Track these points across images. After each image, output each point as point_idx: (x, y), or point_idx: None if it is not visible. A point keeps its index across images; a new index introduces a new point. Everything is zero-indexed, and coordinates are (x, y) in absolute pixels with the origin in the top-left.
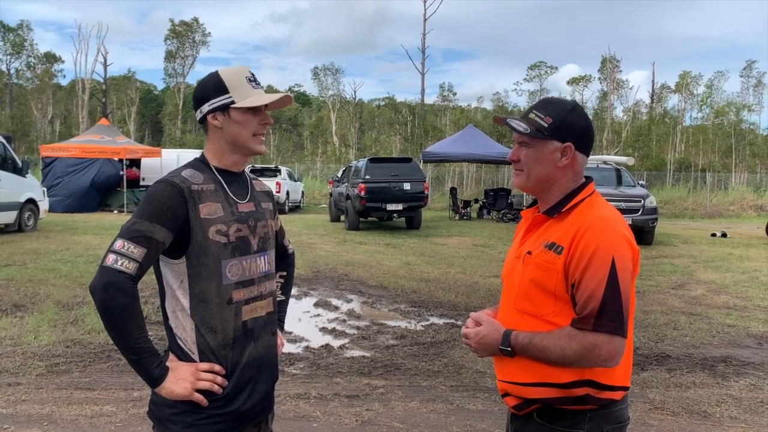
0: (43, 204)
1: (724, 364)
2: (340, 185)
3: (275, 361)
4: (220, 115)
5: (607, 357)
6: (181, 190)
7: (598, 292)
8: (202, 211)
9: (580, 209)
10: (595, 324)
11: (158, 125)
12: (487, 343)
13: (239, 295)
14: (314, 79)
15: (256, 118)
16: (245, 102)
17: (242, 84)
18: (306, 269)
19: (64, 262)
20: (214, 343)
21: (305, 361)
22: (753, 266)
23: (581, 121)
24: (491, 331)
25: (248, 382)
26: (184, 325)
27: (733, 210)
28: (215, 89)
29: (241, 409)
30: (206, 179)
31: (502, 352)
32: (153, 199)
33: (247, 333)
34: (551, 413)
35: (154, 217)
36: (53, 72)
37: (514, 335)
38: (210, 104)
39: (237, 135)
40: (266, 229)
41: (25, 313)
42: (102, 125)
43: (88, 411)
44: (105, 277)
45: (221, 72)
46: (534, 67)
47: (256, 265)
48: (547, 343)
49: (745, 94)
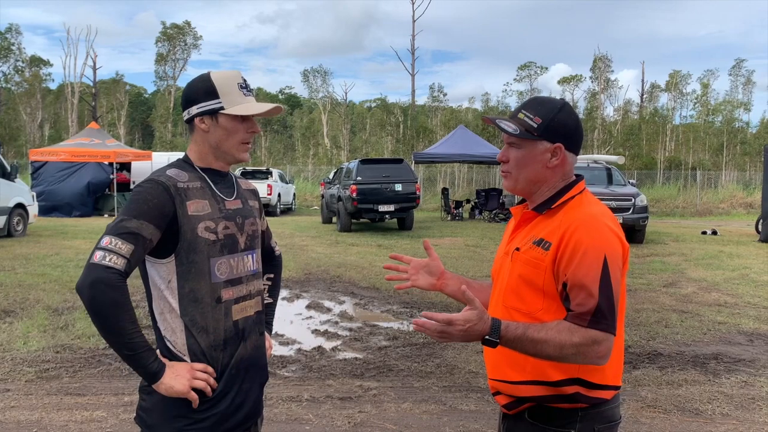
0: (32, 209)
1: (715, 361)
2: (331, 187)
3: (264, 362)
4: (208, 120)
5: (603, 353)
6: (167, 188)
7: (594, 291)
8: (190, 208)
9: (569, 207)
10: (591, 321)
11: (149, 128)
12: (474, 332)
13: (228, 294)
14: (304, 81)
15: (244, 125)
16: (234, 110)
17: (233, 90)
18: (298, 271)
19: (54, 266)
20: (206, 344)
21: (297, 364)
22: (743, 263)
23: (570, 120)
24: (479, 321)
25: (236, 383)
26: (174, 327)
27: (723, 208)
28: (205, 93)
29: (229, 410)
30: (192, 177)
31: (487, 342)
32: (140, 197)
33: (238, 333)
34: (542, 412)
35: (142, 214)
36: (42, 76)
37: (504, 325)
38: (199, 107)
39: (222, 141)
40: (254, 227)
41: (14, 318)
42: (92, 129)
43: (78, 417)
44: (92, 274)
45: (213, 75)
46: (524, 68)
47: (243, 264)
48: (544, 335)
49: (734, 92)
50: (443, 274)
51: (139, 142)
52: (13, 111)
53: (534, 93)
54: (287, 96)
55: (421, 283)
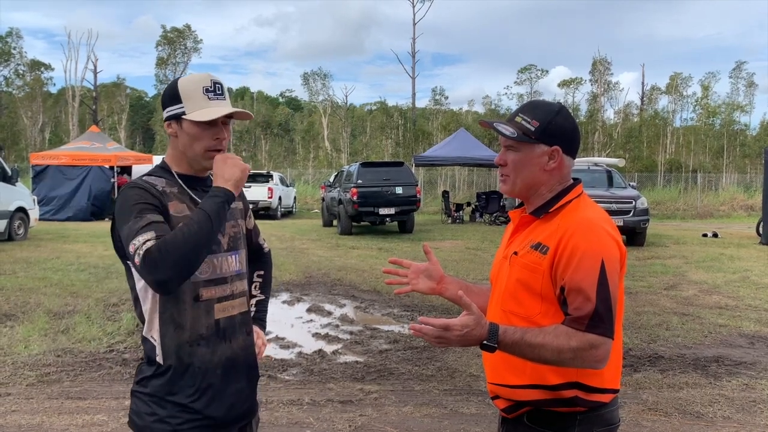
0: (33, 212)
1: (716, 364)
2: (332, 190)
3: (253, 362)
4: (175, 124)
5: (601, 357)
6: (148, 188)
7: (592, 295)
8: (171, 208)
9: (566, 211)
10: (589, 325)
11: (149, 132)
12: (472, 337)
13: (209, 293)
14: (304, 84)
15: (209, 132)
16: (193, 115)
17: (196, 95)
18: (299, 274)
19: (55, 270)
20: (181, 339)
21: (298, 367)
22: (744, 266)
23: (568, 123)
24: (477, 326)
25: (224, 382)
26: (153, 326)
27: (724, 210)
28: (170, 97)
29: (220, 410)
30: (168, 183)
31: (485, 347)
32: (128, 201)
33: (219, 332)
34: (541, 416)
35: (139, 212)
36: (43, 80)
37: (502, 330)
38: (166, 111)
39: (188, 147)
40: (236, 229)
41: (15, 322)
42: (92, 132)
43: (79, 420)
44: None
45: (181, 80)
46: (524, 70)
47: (227, 264)
48: (542, 339)
49: (735, 94)
50: (443, 278)
51: (140, 145)
52: (14, 115)
53: (534, 96)
54: (288, 99)
55: (420, 287)
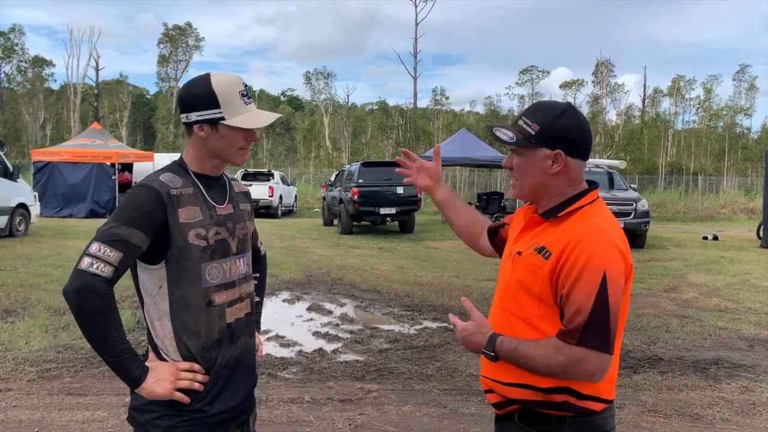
0: (34, 209)
1: (716, 366)
2: (333, 189)
3: (252, 363)
4: (207, 128)
5: (592, 372)
6: (159, 195)
7: (586, 307)
8: (181, 215)
9: (576, 217)
10: (580, 339)
11: (151, 129)
12: (472, 342)
13: (221, 297)
14: (306, 83)
15: (243, 134)
16: (235, 121)
17: (235, 99)
18: (299, 273)
19: (56, 266)
20: (198, 346)
21: (298, 366)
22: (744, 269)
23: (572, 124)
24: (477, 333)
25: (225, 382)
26: (165, 333)
27: (725, 213)
28: (205, 101)
29: (219, 409)
30: (185, 183)
31: (485, 355)
32: (131, 203)
33: (231, 335)
34: (531, 416)
35: (132, 221)
36: (44, 76)
37: (499, 340)
38: (199, 115)
39: (222, 149)
40: (245, 231)
41: (16, 318)
42: (94, 129)
43: (80, 416)
44: (79, 281)
45: (214, 81)
46: (526, 71)
47: (236, 267)
48: (532, 352)
49: (737, 97)
50: (439, 182)
51: (141, 143)
52: (16, 111)
53: (536, 97)
54: (289, 98)
55: (419, 183)
